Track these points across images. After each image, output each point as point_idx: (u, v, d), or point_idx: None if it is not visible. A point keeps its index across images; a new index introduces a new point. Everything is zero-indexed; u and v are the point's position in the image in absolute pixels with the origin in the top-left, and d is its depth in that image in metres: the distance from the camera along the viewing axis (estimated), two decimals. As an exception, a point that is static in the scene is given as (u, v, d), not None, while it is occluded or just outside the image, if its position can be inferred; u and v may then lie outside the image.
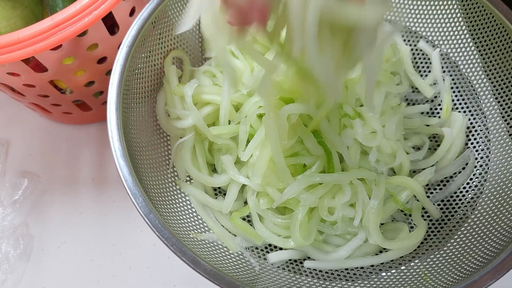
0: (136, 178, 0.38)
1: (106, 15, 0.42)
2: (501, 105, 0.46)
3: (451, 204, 0.46)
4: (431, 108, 0.52)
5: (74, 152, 0.59)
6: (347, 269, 0.43)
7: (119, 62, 0.41)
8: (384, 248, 0.44)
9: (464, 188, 0.47)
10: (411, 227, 0.45)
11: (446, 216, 0.45)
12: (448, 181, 0.47)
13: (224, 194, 0.47)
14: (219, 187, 0.48)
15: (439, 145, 0.48)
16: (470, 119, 0.49)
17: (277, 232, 0.43)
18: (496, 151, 0.45)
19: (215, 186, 0.47)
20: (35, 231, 0.54)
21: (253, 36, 0.33)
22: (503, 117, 0.46)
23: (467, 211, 0.45)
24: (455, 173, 0.48)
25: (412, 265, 0.42)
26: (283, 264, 0.43)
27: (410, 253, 0.43)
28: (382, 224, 0.45)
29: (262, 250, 0.44)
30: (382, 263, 0.43)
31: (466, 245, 0.41)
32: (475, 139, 0.48)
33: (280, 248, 0.44)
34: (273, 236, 0.43)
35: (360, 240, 0.43)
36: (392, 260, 0.43)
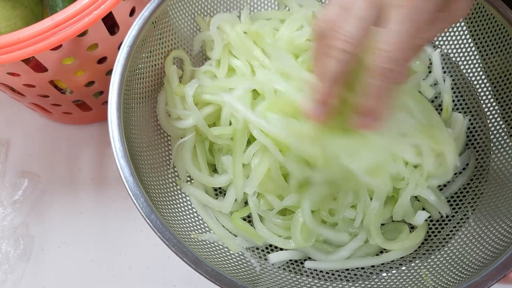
0: (137, 178, 0.38)
1: (106, 15, 0.42)
2: (501, 106, 0.46)
3: (451, 205, 0.46)
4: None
5: (74, 152, 0.59)
6: (347, 269, 0.43)
7: (120, 62, 0.41)
8: (384, 249, 0.44)
9: (465, 188, 0.46)
10: (411, 227, 0.45)
11: (447, 216, 0.45)
12: (448, 181, 0.47)
13: (225, 194, 0.47)
14: (219, 188, 0.48)
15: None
16: (470, 120, 0.49)
17: (277, 232, 0.43)
18: (497, 151, 0.45)
19: (216, 187, 0.47)
20: (35, 231, 0.54)
21: None
22: (503, 117, 0.46)
23: (467, 211, 0.45)
24: (455, 173, 0.48)
25: (412, 265, 0.42)
26: (284, 265, 0.43)
27: (410, 253, 0.43)
28: (383, 224, 0.45)
29: (263, 250, 0.44)
30: (383, 264, 0.43)
31: (467, 245, 0.41)
32: (475, 139, 0.48)
33: (281, 249, 0.44)
34: (273, 236, 0.43)
35: (361, 241, 0.43)
36: (393, 261, 0.43)
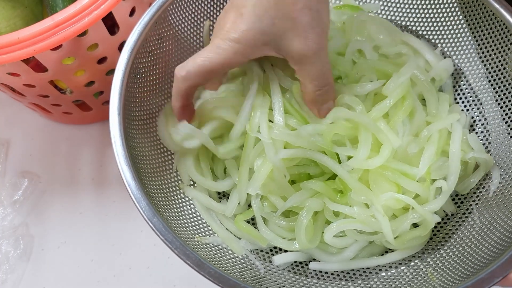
0: (139, 182, 0.38)
1: (106, 15, 0.42)
2: (500, 106, 0.46)
3: (453, 199, 0.46)
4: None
5: (74, 152, 0.59)
6: (352, 270, 0.43)
7: (120, 67, 0.41)
8: (389, 249, 0.43)
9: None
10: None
11: (446, 215, 0.45)
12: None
13: (228, 197, 0.46)
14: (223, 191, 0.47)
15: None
16: (473, 117, 0.48)
17: (281, 234, 0.43)
18: (497, 152, 0.45)
19: (219, 191, 0.46)
20: (35, 231, 0.54)
21: None
22: (503, 118, 0.46)
23: (466, 210, 0.44)
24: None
25: (412, 265, 0.42)
26: (288, 266, 0.43)
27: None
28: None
29: (267, 252, 0.44)
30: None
31: (471, 242, 0.41)
32: (478, 135, 0.48)
33: (285, 250, 0.44)
34: (277, 238, 0.43)
35: (365, 241, 0.43)
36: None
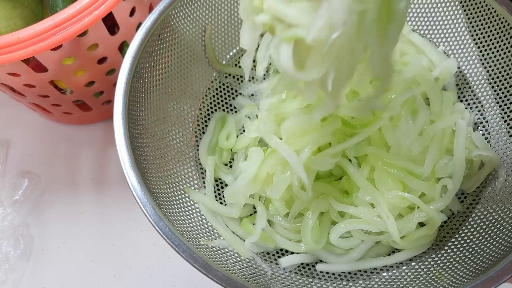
0: (144, 186, 0.38)
1: (106, 15, 0.42)
2: (500, 106, 0.46)
3: (459, 197, 0.46)
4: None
5: (74, 152, 0.59)
6: (359, 270, 0.43)
7: (123, 72, 0.41)
8: (396, 249, 0.43)
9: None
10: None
11: (452, 213, 0.45)
12: None
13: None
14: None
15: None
16: (477, 114, 0.48)
17: (287, 236, 0.43)
18: (497, 152, 0.45)
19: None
20: (35, 231, 0.54)
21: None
22: (503, 117, 0.46)
23: (470, 205, 0.44)
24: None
25: (413, 264, 0.42)
26: (295, 268, 0.43)
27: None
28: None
29: (274, 255, 0.44)
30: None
31: (477, 239, 0.41)
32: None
33: (292, 252, 0.44)
34: (284, 240, 0.43)
35: (372, 242, 0.43)
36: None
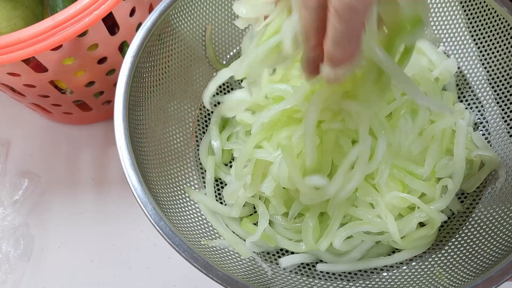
0: (145, 186, 0.38)
1: (106, 15, 0.42)
2: (500, 106, 0.46)
3: (459, 197, 0.46)
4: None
5: (75, 152, 0.59)
6: (360, 270, 0.43)
7: (124, 72, 0.41)
8: (396, 249, 0.43)
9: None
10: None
11: (453, 214, 0.45)
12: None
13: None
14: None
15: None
16: (477, 114, 0.48)
17: (288, 236, 0.43)
18: (498, 151, 0.45)
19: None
20: (35, 231, 0.54)
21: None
22: (503, 117, 0.46)
23: (471, 205, 0.44)
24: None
25: (413, 264, 0.42)
26: (295, 268, 0.43)
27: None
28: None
29: (274, 255, 0.44)
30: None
31: (474, 243, 0.41)
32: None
33: (292, 252, 0.44)
34: (284, 240, 0.43)
35: (372, 242, 0.43)
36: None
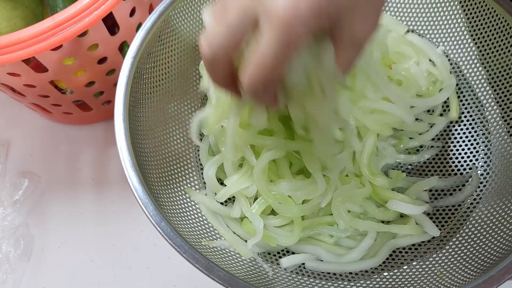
0: (145, 187, 0.38)
1: (107, 16, 0.42)
2: (500, 106, 0.46)
3: (450, 210, 0.46)
4: (429, 111, 0.50)
5: (75, 152, 0.59)
6: (360, 270, 0.43)
7: (124, 73, 0.41)
8: (396, 249, 0.43)
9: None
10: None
11: (448, 215, 0.45)
12: (454, 190, 0.46)
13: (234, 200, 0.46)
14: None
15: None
16: (471, 124, 0.48)
17: (283, 234, 0.43)
18: (498, 152, 0.45)
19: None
20: (35, 231, 0.54)
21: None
22: (503, 117, 0.46)
23: (467, 208, 0.44)
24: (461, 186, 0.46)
25: (414, 264, 0.42)
26: (296, 269, 0.43)
27: (412, 252, 0.43)
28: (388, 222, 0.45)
29: (275, 255, 0.44)
30: (384, 263, 0.43)
31: (478, 238, 0.41)
32: (476, 142, 0.47)
33: (293, 252, 0.44)
34: (281, 238, 0.42)
35: (372, 240, 0.42)
36: (394, 259, 0.43)
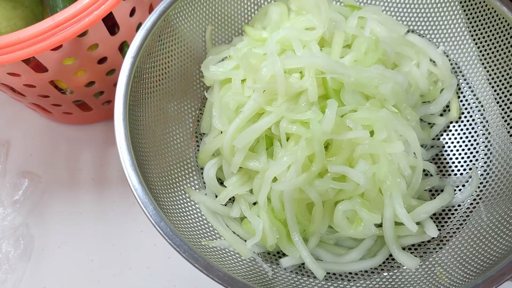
0: (145, 187, 0.38)
1: (107, 16, 0.42)
2: (500, 106, 0.46)
3: (450, 210, 0.46)
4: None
5: (75, 152, 0.59)
6: (360, 270, 0.43)
7: (124, 72, 0.41)
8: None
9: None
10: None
11: (448, 215, 0.45)
12: (454, 190, 0.46)
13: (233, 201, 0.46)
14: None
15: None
16: (471, 124, 0.48)
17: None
18: (498, 151, 0.45)
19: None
20: (35, 231, 0.54)
21: None
22: (503, 117, 0.46)
23: (467, 208, 0.44)
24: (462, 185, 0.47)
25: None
26: (296, 269, 0.43)
27: (412, 252, 0.43)
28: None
29: (274, 255, 0.44)
30: (384, 263, 0.43)
31: (478, 238, 0.41)
32: (476, 142, 0.48)
33: None
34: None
35: (372, 240, 0.43)
36: (394, 259, 0.43)
